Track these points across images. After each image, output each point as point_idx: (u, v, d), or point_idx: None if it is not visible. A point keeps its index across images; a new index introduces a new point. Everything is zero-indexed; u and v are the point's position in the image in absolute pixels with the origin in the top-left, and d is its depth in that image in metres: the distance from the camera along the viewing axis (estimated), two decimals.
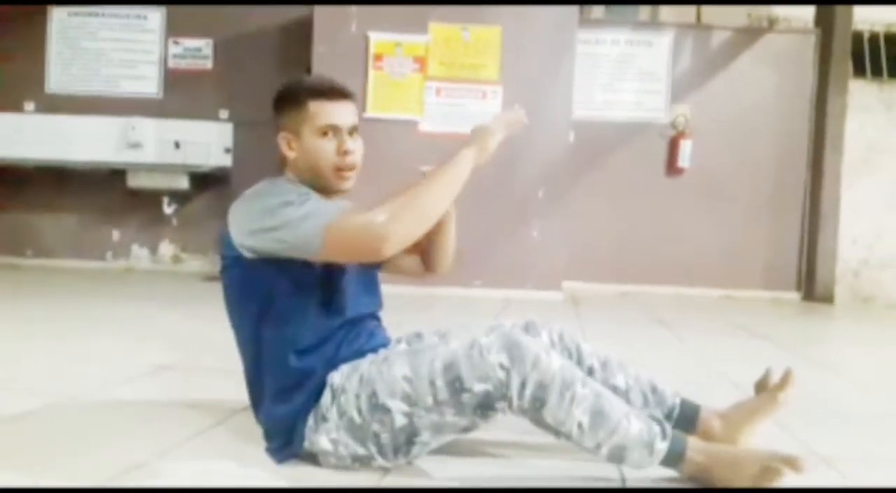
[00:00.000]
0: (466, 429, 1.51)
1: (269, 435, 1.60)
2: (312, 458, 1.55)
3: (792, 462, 1.44)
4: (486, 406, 1.44)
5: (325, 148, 1.58)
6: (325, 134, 1.58)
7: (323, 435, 1.51)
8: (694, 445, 1.49)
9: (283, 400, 1.54)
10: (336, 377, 1.53)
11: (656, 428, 1.46)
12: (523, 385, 1.40)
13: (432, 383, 1.44)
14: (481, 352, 1.43)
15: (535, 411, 1.42)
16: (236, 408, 1.98)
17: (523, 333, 1.60)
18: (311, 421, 1.53)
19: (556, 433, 1.45)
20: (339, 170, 1.59)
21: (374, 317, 1.73)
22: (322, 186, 1.60)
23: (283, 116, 1.62)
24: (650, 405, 1.71)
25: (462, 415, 1.46)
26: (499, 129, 1.62)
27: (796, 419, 2.15)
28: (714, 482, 1.48)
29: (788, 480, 1.43)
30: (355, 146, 1.60)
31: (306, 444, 1.53)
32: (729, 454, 1.51)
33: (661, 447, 1.45)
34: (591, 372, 1.72)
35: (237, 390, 2.18)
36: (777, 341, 3.70)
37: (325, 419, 1.52)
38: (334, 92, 1.61)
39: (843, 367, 3.27)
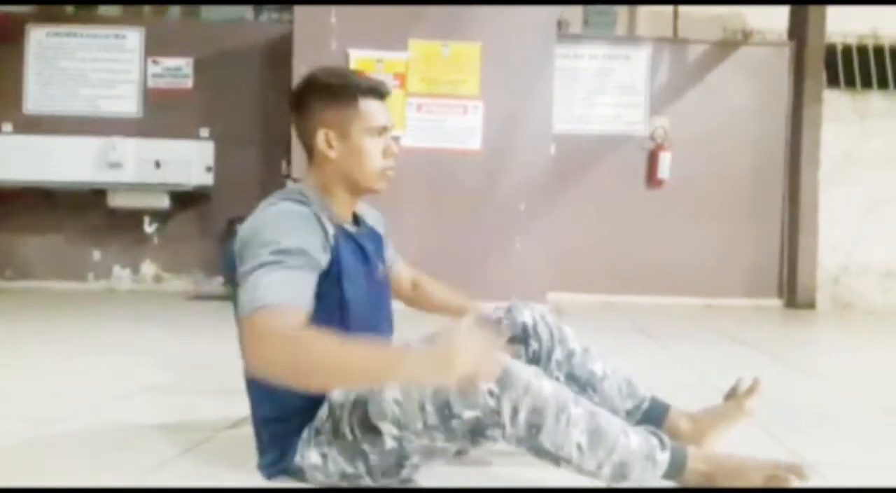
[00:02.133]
0: (459, 453, 1.49)
1: (262, 447, 1.57)
2: (301, 474, 1.52)
3: (797, 471, 1.43)
4: (477, 433, 1.38)
5: (375, 149, 1.54)
6: (378, 134, 1.55)
7: (314, 449, 1.49)
8: (694, 453, 1.46)
9: (282, 412, 1.52)
10: (335, 393, 1.51)
11: (654, 440, 1.43)
12: (515, 411, 1.34)
13: (422, 408, 1.38)
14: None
15: (531, 437, 1.35)
16: (221, 427, 1.97)
17: (509, 329, 1.55)
18: (305, 434, 1.51)
19: (556, 459, 1.38)
20: (385, 172, 1.57)
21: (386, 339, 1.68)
22: (360, 187, 1.57)
23: (325, 111, 1.53)
24: (622, 396, 1.73)
25: (453, 441, 1.41)
26: (466, 362, 1.24)
27: (778, 424, 2.16)
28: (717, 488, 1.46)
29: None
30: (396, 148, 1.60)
31: (297, 458, 1.50)
32: (731, 462, 1.48)
33: (663, 457, 1.41)
34: (571, 355, 1.74)
35: (222, 409, 2.17)
36: (760, 348, 3.73)
37: (318, 432, 1.49)
38: (384, 91, 1.57)
39: (825, 372, 3.30)
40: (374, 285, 1.62)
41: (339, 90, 1.53)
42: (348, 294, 1.51)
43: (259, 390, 1.54)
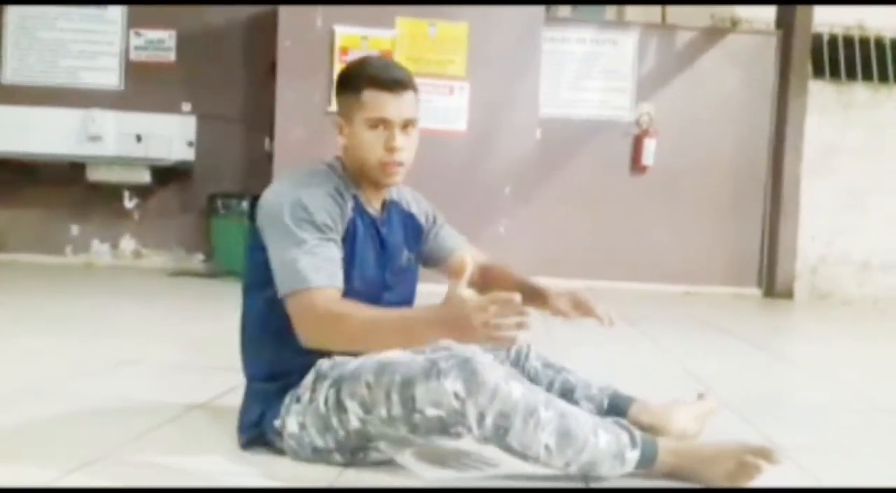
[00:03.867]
0: (426, 443, 1.49)
1: (246, 405, 1.60)
2: (277, 441, 1.53)
3: (766, 454, 1.44)
4: (441, 430, 1.39)
5: (373, 141, 1.54)
6: (374, 126, 1.53)
7: (293, 417, 1.50)
8: (665, 447, 1.48)
9: (270, 371, 1.56)
10: (324, 363, 1.52)
11: (625, 438, 1.44)
12: (482, 416, 1.35)
13: (388, 397, 1.39)
14: (438, 376, 1.35)
15: (499, 438, 1.37)
16: (195, 404, 1.96)
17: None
18: (287, 399, 1.52)
19: (524, 456, 1.40)
20: (385, 165, 1.55)
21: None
22: (366, 175, 1.58)
23: (339, 99, 1.60)
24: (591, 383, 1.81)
25: (416, 434, 1.41)
26: (477, 332, 1.30)
27: (755, 411, 2.18)
28: (691, 479, 1.47)
29: (765, 476, 1.43)
30: (406, 143, 1.55)
31: (278, 422, 1.52)
32: (701, 453, 1.50)
33: (632, 456, 1.44)
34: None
35: (199, 384, 2.15)
36: (738, 336, 3.77)
37: (299, 400, 1.51)
38: (394, 82, 1.54)
39: (801, 360, 3.34)
40: (385, 269, 1.63)
41: (346, 79, 1.58)
42: (352, 273, 1.54)
43: (252, 349, 1.60)
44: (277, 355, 1.55)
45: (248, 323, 1.62)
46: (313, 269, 1.43)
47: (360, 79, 1.54)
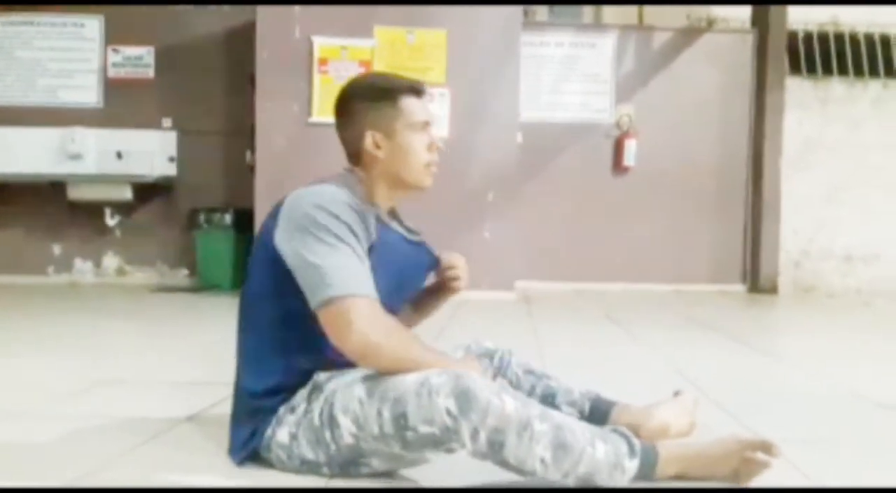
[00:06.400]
0: (419, 460, 1.47)
1: (239, 422, 1.55)
2: (267, 452, 1.51)
3: (766, 448, 1.45)
4: (435, 445, 1.37)
5: (420, 144, 1.59)
6: (420, 130, 1.59)
7: (285, 427, 1.49)
8: (667, 454, 1.47)
9: (269, 386, 1.52)
10: (321, 375, 1.51)
11: (624, 448, 1.42)
12: (476, 432, 1.33)
13: (380, 414, 1.38)
14: (430, 393, 1.34)
15: (494, 453, 1.35)
16: (180, 418, 1.94)
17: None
18: (282, 410, 1.51)
19: (520, 471, 1.38)
20: (429, 166, 1.61)
21: None
22: (408, 184, 1.61)
23: (369, 115, 1.58)
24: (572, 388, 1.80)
25: (409, 450, 1.40)
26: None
27: (741, 406, 2.19)
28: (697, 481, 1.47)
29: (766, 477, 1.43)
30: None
31: (269, 431, 1.50)
32: (703, 455, 1.49)
33: (631, 465, 1.42)
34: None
35: (184, 399, 2.14)
36: (723, 332, 3.78)
37: (293, 410, 1.50)
38: (422, 88, 1.62)
39: (785, 353, 3.36)
40: (398, 286, 1.61)
41: (380, 92, 1.59)
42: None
43: (252, 363, 1.55)
44: (285, 369, 1.52)
45: (250, 336, 1.56)
46: (356, 276, 1.41)
47: (393, 90, 1.58)
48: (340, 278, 1.39)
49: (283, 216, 1.48)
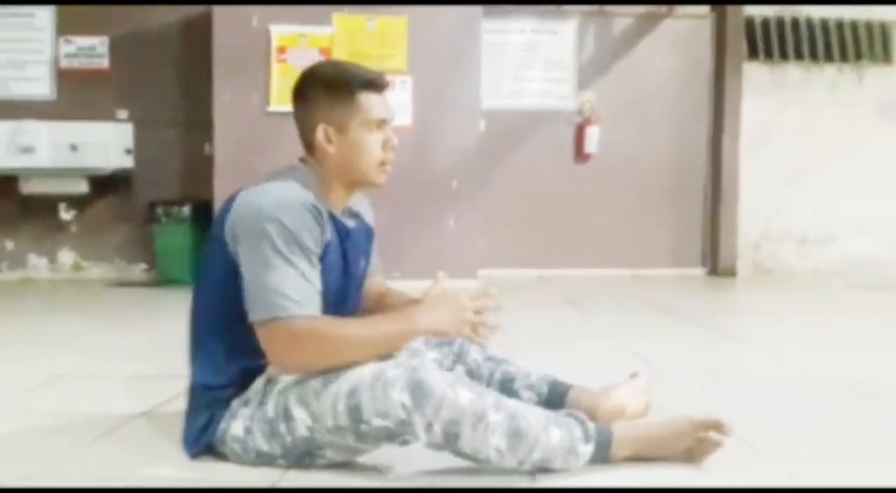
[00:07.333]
0: (373, 450, 1.47)
1: (194, 414, 1.53)
2: (221, 445, 1.50)
3: (718, 427, 1.47)
4: (390, 438, 1.38)
5: (373, 142, 1.54)
6: (376, 127, 1.54)
7: (240, 420, 1.47)
8: (621, 435, 1.48)
9: (224, 380, 1.51)
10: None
11: (578, 432, 1.44)
12: (430, 425, 1.34)
13: (334, 406, 1.37)
14: (385, 386, 1.34)
15: (449, 444, 1.37)
16: (136, 413, 1.91)
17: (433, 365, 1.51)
18: (235, 403, 1.50)
19: (475, 460, 1.40)
20: (383, 164, 1.57)
21: None
22: (359, 180, 1.57)
23: (323, 107, 1.53)
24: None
25: (363, 443, 1.40)
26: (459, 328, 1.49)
27: (696, 385, 2.22)
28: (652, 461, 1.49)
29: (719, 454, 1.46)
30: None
31: (223, 424, 1.48)
32: (656, 435, 1.51)
33: (586, 449, 1.44)
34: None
35: (140, 393, 2.10)
36: (682, 315, 3.83)
37: (247, 403, 1.49)
38: (382, 83, 1.57)
39: (743, 335, 3.41)
40: (348, 278, 1.60)
41: (336, 85, 1.54)
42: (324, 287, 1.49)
43: (205, 357, 1.52)
44: (237, 363, 1.50)
45: (203, 329, 1.54)
46: (298, 291, 1.38)
47: (352, 83, 1.53)
48: (277, 298, 1.37)
49: (235, 219, 1.45)
